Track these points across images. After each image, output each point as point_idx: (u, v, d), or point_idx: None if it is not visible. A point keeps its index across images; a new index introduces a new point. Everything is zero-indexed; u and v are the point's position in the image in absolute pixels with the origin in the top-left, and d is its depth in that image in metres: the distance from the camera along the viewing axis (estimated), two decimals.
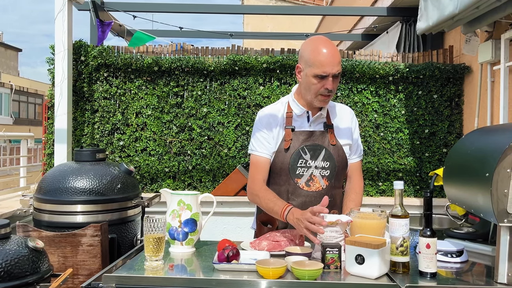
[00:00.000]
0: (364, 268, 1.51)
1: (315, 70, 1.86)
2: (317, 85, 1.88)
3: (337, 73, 1.87)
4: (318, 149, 1.97)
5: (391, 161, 3.75)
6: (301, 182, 1.97)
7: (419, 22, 3.16)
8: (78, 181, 2.43)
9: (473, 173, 1.64)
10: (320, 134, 1.99)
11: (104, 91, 3.68)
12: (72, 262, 2.28)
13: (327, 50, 1.86)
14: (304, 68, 1.92)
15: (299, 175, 1.97)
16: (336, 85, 1.92)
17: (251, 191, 2.01)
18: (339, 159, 2.00)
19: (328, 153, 1.97)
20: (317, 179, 1.97)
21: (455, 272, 1.64)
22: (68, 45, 3.21)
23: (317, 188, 1.98)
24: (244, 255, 1.70)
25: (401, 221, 1.58)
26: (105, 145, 3.68)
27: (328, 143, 1.98)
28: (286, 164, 1.96)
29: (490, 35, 3.19)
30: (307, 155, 1.96)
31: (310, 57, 1.88)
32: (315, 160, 1.96)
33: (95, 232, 2.28)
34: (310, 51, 1.90)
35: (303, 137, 1.97)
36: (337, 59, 1.87)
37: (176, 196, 1.88)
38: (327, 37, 2.01)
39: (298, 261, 1.57)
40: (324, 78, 1.86)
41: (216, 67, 3.67)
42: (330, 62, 1.85)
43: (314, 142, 1.97)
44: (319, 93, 1.90)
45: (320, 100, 1.93)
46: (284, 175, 1.98)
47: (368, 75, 3.72)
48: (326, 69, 1.85)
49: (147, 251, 1.65)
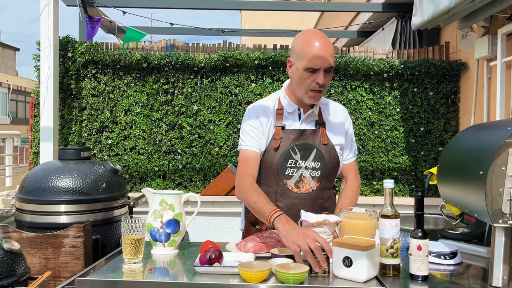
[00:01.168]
0: (352, 271, 1.45)
1: (306, 63, 1.78)
2: (308, 79, 1.80)
3: (329, 66, 1.79)
4: (308, 148, 1.89)
5: (385, 160, 3.69)
6: (290, 184, 1.89)
7: (414, 17, 3.11)
8: (61, 180, 2.37)
9: (467, 172, 1.60)
10: (311, 133, 1.92)
11: (92, 88, 3.62)
12: (54, 264, 2.22)
13: (319, 43, 1.78)
14: (295, 61, 1.84)
15: (288, 176, 1.89)
16: (328, 80, 1.84)
17: (240, 188, 1.87)
18: (330, 160, 1.92)
19: (319, 153, 1.90)
20: (307, 180, 1.90)
21: (448, 275, 1.59)
22: (54, 41, 3.14)
23: (306, 190, 1.90)
24: (228, 257, 1.65)
25: (391, 221, 1.53)
26: (93, 143, 3.62)
27: (319, 143, 1.91)
28: (275, 164, 1.89)
29: (487, 30, 3.13)
30: (297, 155, 1.89)
31: (302, 49, 1.80)
32: (305, 161, 1.89)
33: (77, 233, 2.23)
34: (301, 44, 1.82)
35: (293, 136, 1.90)
36: (330, 52, 1.79)
37: (158, 196, 1.83)
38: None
39: (282, 263, 1.50)
40: (315, 72, 1.79)
41: (207, 63, 3.61)
42: (322, 55, 1.77)
43: (304, 142, 1.90)
44: (310, 88, 1.82)
45: (310, 97, 1.84)
46: (273, 175, 1.90)
47: (362, 72, 3.66)
48: (318, 61, 1.77)
49: (125, 253, 1.59)
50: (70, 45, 3.56)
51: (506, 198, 1.41)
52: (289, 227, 1.57)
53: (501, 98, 2.88)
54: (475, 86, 3.34)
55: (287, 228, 1.57)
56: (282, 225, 1.59)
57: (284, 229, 1.57)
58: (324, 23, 8.53)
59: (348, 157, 2.03)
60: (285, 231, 1.57)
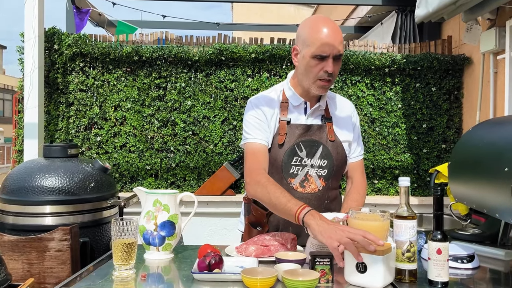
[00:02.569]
0: (367, 277, 1.34)
1: (314, 50, 1.67)
2: (316, 67, 1.69)
3: (338, 54, 1.68)
4: (315, 145, 1.78)
5: (387, 158, 3.58)
6: (294, 183, 1.77)
7: (418, 9, 3.01)
8: (46, 180, 2.27)
9: (487, 169, 1.51)
10: (317, 129, 1.80)
11: (80, 82, 3.47)
12: (38, 269, 2.13)
13: (328, 28, 1.67)
14: (301, 49, 1.73)
15: (293, 174, 1.77)
16: (337, 69, 1.72)
17: (255, 183, 1.68)
18: (337, 157, 1.81)
19: (326, 150, 1.78)
20: (313, 180, 1.78)
21: (466, 280, 1.49)
22: (39, 32, 2.98)
23: (312, 190, 1.79)
24: (229, 262, 1.53)
25: (407, 223, 1.42)
26: (81, 140, 3.49)
27: (326, 139, 1.79)
28: (279, 162, 1.77)
29: (493, 23, 3.03)
30: (302, 152, 1.77)
31: (309, 36, 1.69)
32: (311, 158, 1.77)
33: (63, 235, 2.13)
34: (308, 30, 1.71)
35: (299, 132, 1.78)
36: (339, 38, 1.69)
37: (152, 196, 1.71)
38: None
39: (290, 269, 1.39)
40: (324, 59, 1.67)
41: (201, 57, 3.48)
42: (331, 41, 1.66)
43: (310, 138, 1.78)
44: (318, 77, 1.70)
45: (319, 86, 1.72)
46: (276, 173, 1.77)
47: (363, 67, 3.55)
48: (327, 48, 1.66)
49: (115, 259, 1.47)
50: (56, 37, 3.40)
51: None
52: (323, 223, 1.45)
53: (509, 92, 2.78)
54: (480, 81, 3.24)
55: (321, 224, 1.45)
56: (315, 221, 1.47)
57: (318, 226, 1.45)
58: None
59: (354, 155, 1.92)
60: (319, 227, 1.44)
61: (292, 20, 9.55)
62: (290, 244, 1.66)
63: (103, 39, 3.61)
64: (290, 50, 3.51)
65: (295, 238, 1.70)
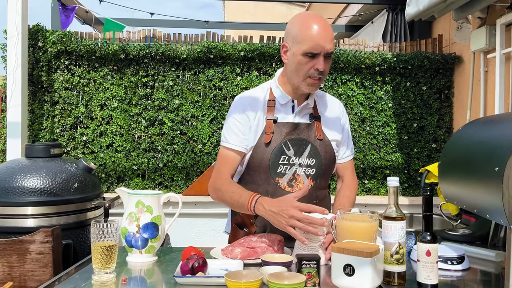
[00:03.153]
0: (355, 280, 1.31)
1: (305, 47, 1.64)
2: (306, 65, 1.66)
3: (329, 51, 1.66)
4: (303, 144, 1.75)
5: (377, 157, 3.56)
6: (282, 182, 1.74)
7: (408, 7, 2.98)
8: (28, 180, 2.22)
9: (477, 169, 1.47)
10: (305, 127, 1.77)
11: (65, 80, 3.41)
12: (18, 272, 2.06)
13: (319, 25, 1.65)
14: (291, 46, 1.69)
15: (280, 173, 1.74)
16: (328, 67, 1.70)
17: (214, 186, 1.77)
18: (326, 156, 1.78)
19: (314, 149, 1.75)
20: (301, 179, 1.76)
21: (456, 282, 1.47)
22: (22, 29, 2.91)
23: (300, 189, 1.74)
24: (214, 265, 1.49)
25: (396, 224, 1.39)
26: (67, 140, 3.42)
27: (315, 138, 1.76)
28: (266, 161, 1.73)
29: (483, 21, 3.02)
30: (290, 151, 1.74)
31: (299, 32, 1.66)
32: (299, 157, 1.74)
33: (45, 237, 2.07)
34: (299, 26, 1.68)
35: (286, 130, 1.75)
36: (330, 35, 1.66)
37: (134, 197, 1.66)
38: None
39: (275, 272, 1.35)
40: (314, 57, 1.65)
41: (189, 55, 3.43)
42: (322, 38, 1.63)
43: (298, 136, 1.75)
44: (308, 75, 1.68)
45: (309, 84, 1.69)
46: (264, 173, 1.75)
47: (353, 65, 3.52)
48: (318, 45, 1.63)
49: (95, 262, 1.41)
50: (40, 34, 3.33)
51: None
52: (269, 211, 1.54)
53: (500, 91, 2.76)
54: (471, 80, 3.22)
55: (269, 212, 1.55)
56: (265, 211, 1.56)
57: (267, 215, 1.56)
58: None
59: (344, 156, 1.90)
60: (269, 216, 1.55)
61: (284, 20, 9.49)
62: (277, 246, 1.62)
63: (89, 37, 3.54)
64: (279, 48, 3.47)
65: (282, 240, 1.66)
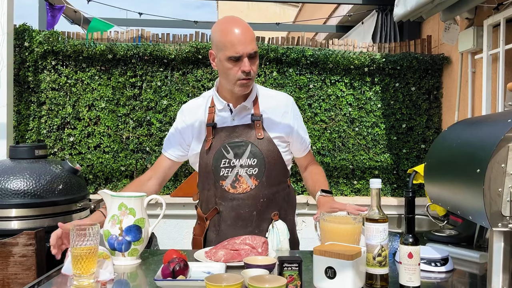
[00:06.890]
0: (336, 282, 1.30)
1: (227, 53, 1.68)
2: (233, 69, 1.70)
3: (252, 52, 1.69)
4: (242, 145, 1.79)
5: (366, 158, 3.56)
6: (226, 184, 1.79)
7: (396, 7, 2.99)
8: (11, 182, 2.20)
9: (460, 170, 1.47)
10: (244, 129, 1.81)
11: (52, 81, 3.38)
12: (2, 275, 2.04)
13: (237, 29, 1.69)
14: (216, 53, 1.74)
15: (223, 176, 1.79)
16: (255, 67, 1.74)
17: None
18: (268, 154, 1.80)
19: (254, 148, 1.79)
20: (243, 179, 1.79)
21: (439, 284, 1.47)
22: (8, 29, 2.87)
23: (244, 189, 1.79)
24: (196, 268, 1.47)
25: (379, 226, 1.38)
26: (54, 141, 3.39)
27: (255, 138, 1.80)
28: (209, 166, 1.80)
29: (471, 22, 3.03)
30: (229, 154, 1.79)
31: (220, 39, 1.70)
32: (239, 159, 1.79)
33: (28, 240, 2.06)
34: (219, 33, 1.72)
35: (224, 134, 1.80)
36: (250, 37, 1.70)
37: (117, 199, 1.64)
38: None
39: (256, 276, 1.33)
40: (239, 60, 1.68)
41: (178, 55, 3.41)
42: (241, 41, 1.67)
43: (237, 139, 1.80)
44: (237, 78, 1.71)
45: (240, 86, 1.73)
46: (210, 178, 1.81)
47: (342, 66, 3.52)
48: (238, 49, 1.66)
49: (74, 267, 1.38)
50: (27, 33, 3.30)
51: (506, 199, 1.27)
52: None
53: (487, 92, 2.77)
54: (459, 81, 3.23)
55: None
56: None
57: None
58: (304, 17, 8.46)
59: (301, 149, 1.94)
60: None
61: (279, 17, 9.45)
62: (262, 248, 1.61)
63: (77, 37, 3.51)
64: (268, 48, 3.46)
65: (266, 242, 1.65)
